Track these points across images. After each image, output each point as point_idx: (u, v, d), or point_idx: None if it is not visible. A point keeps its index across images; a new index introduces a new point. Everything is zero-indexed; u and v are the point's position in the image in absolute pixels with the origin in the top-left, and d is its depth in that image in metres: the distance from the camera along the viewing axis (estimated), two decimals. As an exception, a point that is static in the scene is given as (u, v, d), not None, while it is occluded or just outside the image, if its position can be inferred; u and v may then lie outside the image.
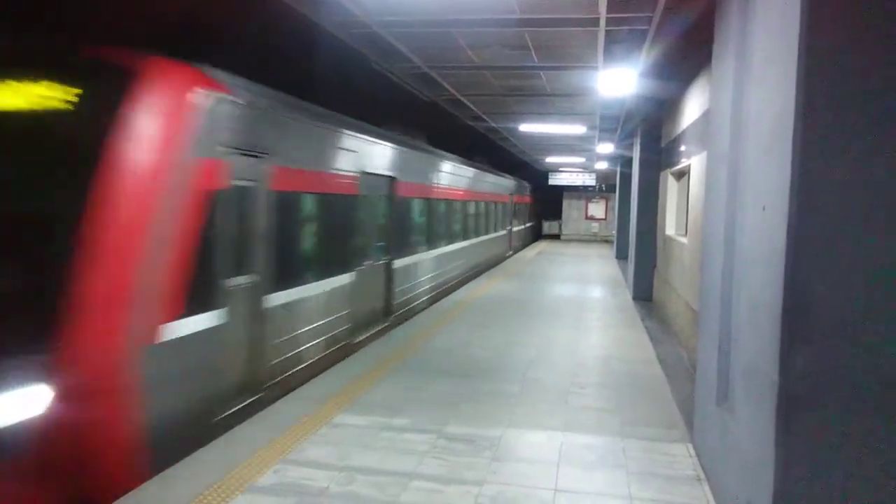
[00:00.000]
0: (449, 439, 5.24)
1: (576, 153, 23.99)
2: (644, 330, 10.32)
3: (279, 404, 5.99)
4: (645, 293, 14.01)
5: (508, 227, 25.15)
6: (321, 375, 6.99)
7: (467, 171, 16.61)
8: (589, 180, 33.88)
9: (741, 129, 4.35)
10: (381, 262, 10.03)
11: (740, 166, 4.30)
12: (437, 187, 13.38)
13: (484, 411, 5.96)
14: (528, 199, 31.96)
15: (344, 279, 8.42)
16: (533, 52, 8.03)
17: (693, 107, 8.92)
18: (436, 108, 12.59)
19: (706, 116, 7.78)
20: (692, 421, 5.49)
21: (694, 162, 8.80)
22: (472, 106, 12.40)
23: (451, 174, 14.66)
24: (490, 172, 20.74)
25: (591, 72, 9.04)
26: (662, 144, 13.11)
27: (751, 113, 4.12)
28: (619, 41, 7.92)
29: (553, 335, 9.55)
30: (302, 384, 6.82)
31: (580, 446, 5.18)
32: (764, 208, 3.54)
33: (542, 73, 9.23)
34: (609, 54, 8.19)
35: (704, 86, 8.04)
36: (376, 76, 9.16)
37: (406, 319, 10.58)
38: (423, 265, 12.40)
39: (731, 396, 4.19)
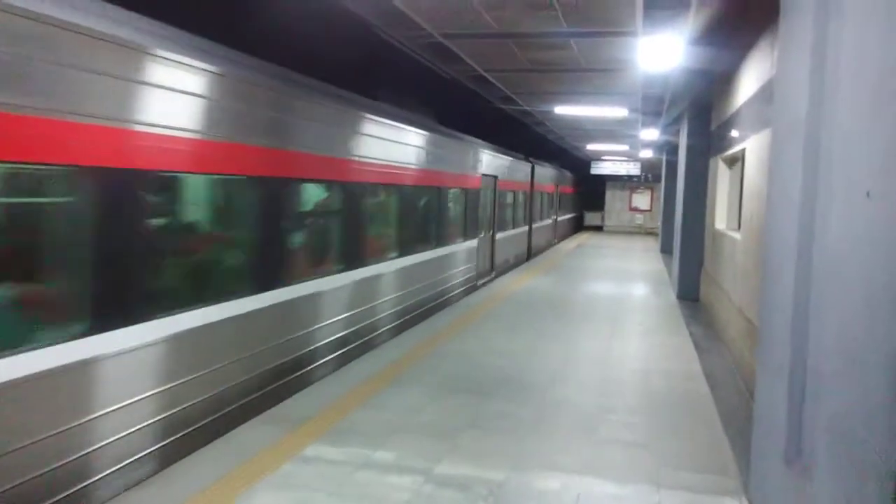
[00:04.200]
0: (438, 484, 4.20)
1: (618, 140, 22.61)
2: (689, 336, 9.10)
3: (243, 429, 5.03)
4: (691, 293, 12.72)
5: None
6: (305, 390, 6.03)
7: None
8: (633, 169, 32.29)
9: (824, 93, 3.19)
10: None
11: (824, 140, 3.14)
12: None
13: (488, 444, 4.90)
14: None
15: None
16: (560, 15, 6.88)
17: (750, 80, 7.65)
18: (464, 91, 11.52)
19: (768, 88, 6.53)
20: (747, 463, 4.34)
21: (750, 145, 7.55)
22: (498, 84, 11.27)
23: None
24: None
25: (629, 39, 7.84)
26: (712, 128, 11.78)
27: (841, 70, 2.96)
28: (660, 1, 6.72)
29: (585, 341, 8.42)
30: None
31: (603, 498, 4.09)
32: (868, 195, 2.40)
33: (572, 42, 8.06)
34: (649, 18, 7.00)
35: (765, 53, 6.78)
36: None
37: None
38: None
39: (808, 456, 3.05)
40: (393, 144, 8.38)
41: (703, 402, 6.08)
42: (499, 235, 15.23)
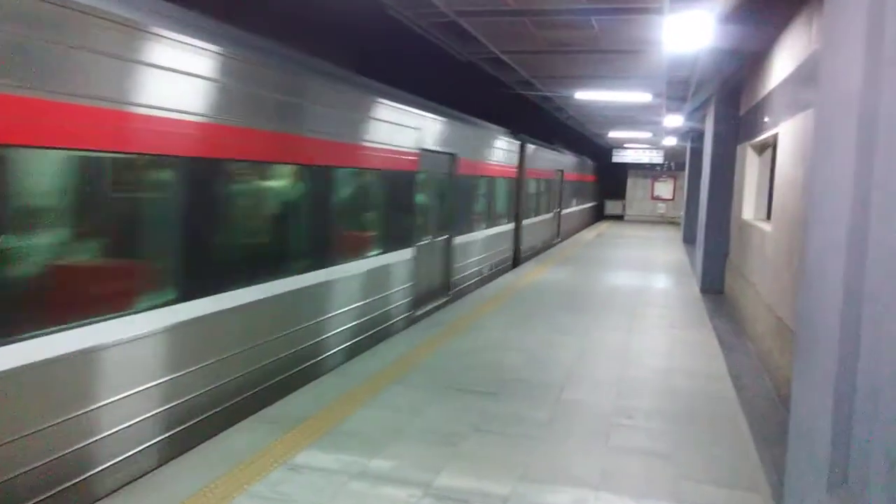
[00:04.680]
0: (437, 497, 3.84)
1: (641, 127, 22.00)
2: (712, 331, 8.66)
3: (233, 431, 4.71)
4: (715, 285, 12.22)
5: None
6: (303, 388, 5.70)
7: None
8: (656, 157, 31.61)
9: (882, 66, 2.74)
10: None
11: (882, 122, 2.70)
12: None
13: (494, 451, 4.53)
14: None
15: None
16: (580, -11, 6.44)
17: (785, 60, 7.15)
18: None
19: (805, 67, 6.05)
20: (780, 480, 3.94)
21: (784, 129, 7.06)
22: (516, 67, 10.81)
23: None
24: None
25: (654, 18, 7.36)
26: (741, 113, 11.23)
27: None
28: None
29: (602, 337, 8.01)
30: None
31: (619, 517, 3.71)
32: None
33: (593, 20, 7.59)
34: (678, -8, 6.52)
35: (803, 29, 6.29)
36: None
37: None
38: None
39: (857, 484, 2.64)
40: (182, 80, 4.42)
41: (729, 406, 5.66)
42: (459, 239, 11.02)
